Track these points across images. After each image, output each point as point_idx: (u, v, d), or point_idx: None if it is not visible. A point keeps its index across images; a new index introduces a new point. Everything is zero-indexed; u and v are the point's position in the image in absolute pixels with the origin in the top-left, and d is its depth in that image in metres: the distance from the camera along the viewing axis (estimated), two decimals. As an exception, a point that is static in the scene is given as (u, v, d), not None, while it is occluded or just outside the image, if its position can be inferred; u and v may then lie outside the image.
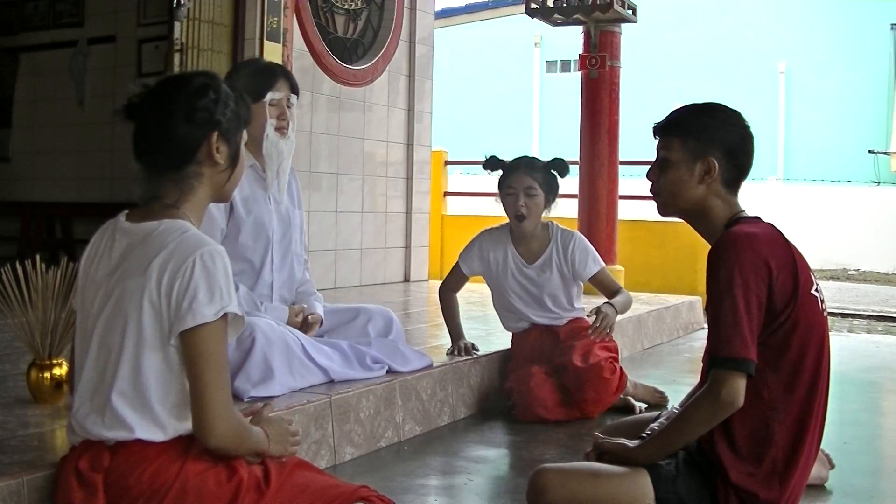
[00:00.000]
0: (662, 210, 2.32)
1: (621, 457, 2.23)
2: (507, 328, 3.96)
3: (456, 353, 3.76)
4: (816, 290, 2.17)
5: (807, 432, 2.15)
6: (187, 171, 1.93)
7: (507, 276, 3.81)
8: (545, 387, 3.61)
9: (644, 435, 2.33)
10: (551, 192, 3.74)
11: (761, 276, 2.07)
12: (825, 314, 2.20)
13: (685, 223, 2.36)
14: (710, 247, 2.23)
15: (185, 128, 1.90)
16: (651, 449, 2.20)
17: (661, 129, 2.29)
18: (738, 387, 2.05)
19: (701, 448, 2.18)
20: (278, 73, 3.20)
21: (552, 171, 3.76)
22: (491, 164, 3.85)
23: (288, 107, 3.17)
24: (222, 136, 1.94)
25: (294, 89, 3.22)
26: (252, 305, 3.12)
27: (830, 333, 2.27)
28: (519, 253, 3.81)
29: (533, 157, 3.84)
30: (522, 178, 3.69)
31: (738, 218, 2.23)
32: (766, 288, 2.08)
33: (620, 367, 3.66)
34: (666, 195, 2.27)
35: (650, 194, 2.35)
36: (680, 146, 2.23)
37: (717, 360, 2.08)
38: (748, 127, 2.25)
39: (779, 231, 2.21)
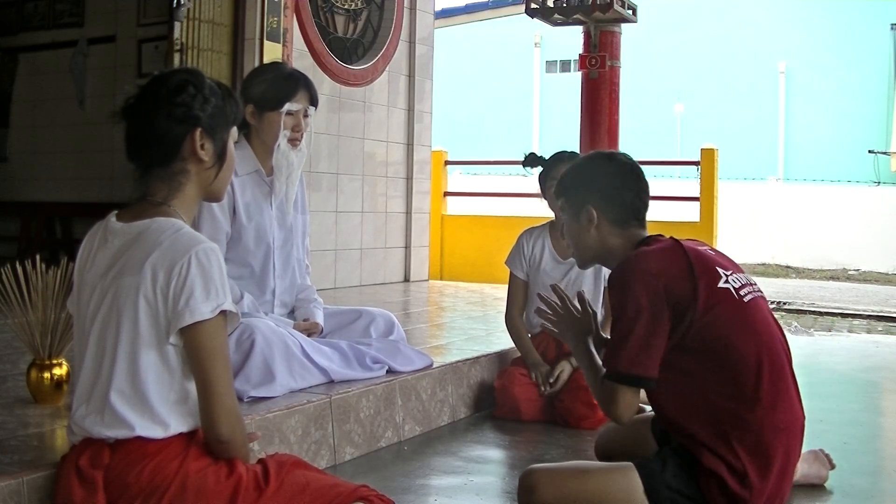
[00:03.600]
0: (579, 264, 2.54)
1: (571, 327, 2.47)
2: (528, 330, 3.95)
3: (539, 379, 3.63)
4: (727, 281, 2.22)
5: (766, 417, 2.15)
6: (173, 168, 1.94)
7: (539, 269, 3.80)
8: (523, 387, 3.62)
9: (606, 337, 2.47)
10: None
11: (653, 289, 2.16)
12: (748, 300, 2.22)
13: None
14: None
15: (166, 124, 1.91)
16: (576, 354, 2.43)
17: (554, 194, 2.56)
18: (627, 401, 2.20)
19: (682, 443, 2.22)
20: (300, 84, 3.18)
21: None
22: (530, 160, 3.84)
23: (304, 116, 3.17)
24: (205, 132, 1.95)
25: (313, 101, 3.22)
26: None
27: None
28: (555, 248, 3.81)
29: (574, 151, 3.86)
30: None
31: (638, 243, 2.34)
32: (664, 298, 2.16)
33: None
34: (573, 249, 2.49)
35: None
36: (565, 205, 2.46)
37: (608, 375, 2.22)
38: (623, 166, 2.41)
39: (676, 242, 2.29)
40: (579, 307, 2.50)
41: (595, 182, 2.39)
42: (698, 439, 2.17)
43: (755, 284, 2.31)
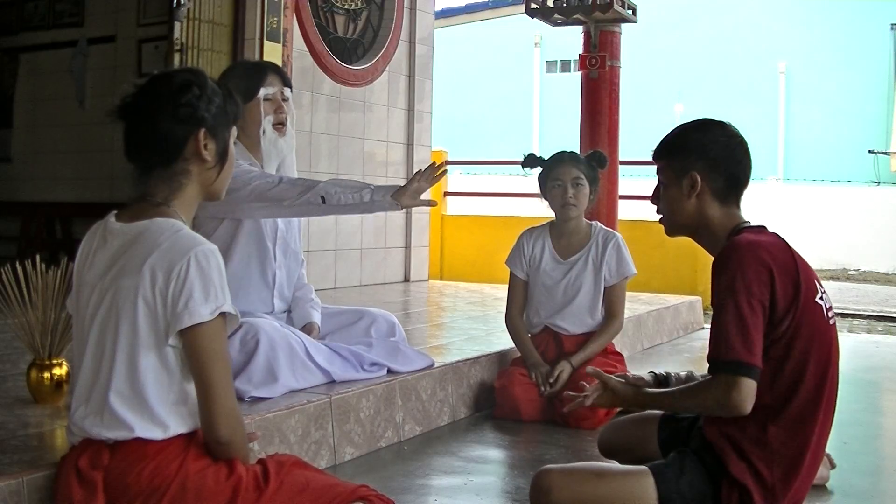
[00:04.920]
0: (667, 231, 2.38)
1: (628, 398, 2.30)
2: (528, 330, 3.94)
3: (539, 380, 3.63)
4: (821, 298, 2.16)
5: (810, 438, 2.14)
6: (175, 169, 1.93)
7: (539, 269, 3.80)
8: (523, 387, 3.62)
9: (656, 373, 2.41)
10: (594, 184, 3.74)
11: (763, 280, 2.08)
12: (832, 322, 2.18)
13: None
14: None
15: (170, 124, 1.90)
16: (651, 401, 2.27)
17: (653, 155, 2.37)
18: (747, 392, 2.06)
19: (708, 445, 2.18)
20: (268, 69, 3.18)
21: (592, 163, 3.77)
22: (530, 161, 3.83)
23: (283, 100, 3.14)
24: (209, 132, 1.94)
25: (287, 83, 3.18)
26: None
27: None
28: (556, 248, 3.81)
29: (573, 151, 3.87)
30: (569, 170, 3.71)
31: (741, 228, 2.25)
32: (769, 293, 2.08)
33: None
34: (665, 215, 2.35)
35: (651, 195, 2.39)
36: (666, 167, 2.32)
37: (720, 364, 2.09)
38: (734, 137, 2.28)
39: (783, 239, 2.21)
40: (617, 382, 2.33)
41: (705, 148, 2.25)
42: (737, 443, 2.13)
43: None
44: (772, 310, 2.09)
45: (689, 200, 2.27)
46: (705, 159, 2.25)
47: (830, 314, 2.19)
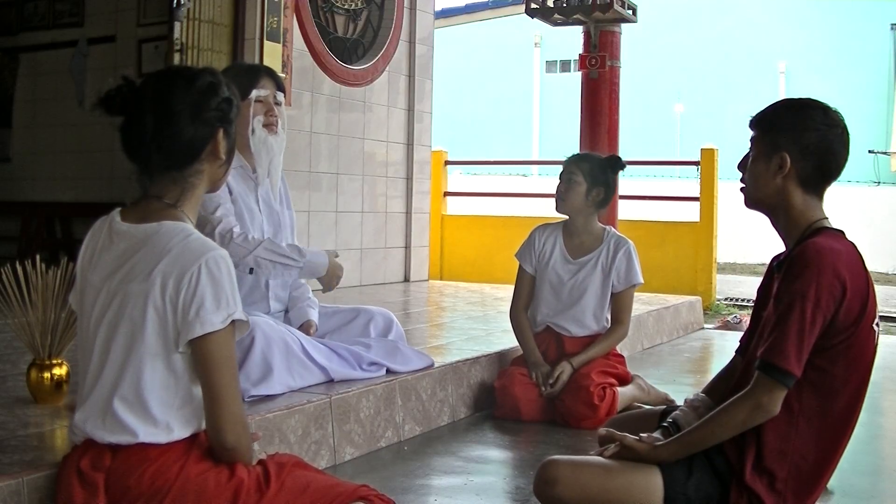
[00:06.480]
0: (746, 203, 2.31)
1: (643, 454, 2.19)
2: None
3: (539, 379, 3.64)
4: (877, 324, 2.15)
5: (831, 453, 2.15)
6: (191, 170, 1.90)
7: (549, 266, 3.81)
8: (523, 387, 3.62)
9: (665, 424, 2.32)
10: (597, 185, 3.72)
11: (834, 295, 2.06)
12: (876, 348, 2.17)
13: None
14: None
15: (193, 127, 1.87)
16: (677, 447, 2.18)
17: (750, 123, 2.30)
18: (779, 397, 2.07)
19: (722, 448, 2.17)
20: (262, 71, 3.19)
21: (609, 167, 3.77)
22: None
23: (276, 104, 3.15)
24: (226, 132, 1.93)
25: (279, 87, 3.20)
26: (290, 251, 3.10)
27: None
28: (567, 247, 3.82)
29: (589, 153, 3.92)
30: (568, 167, 3.76)
31: (822, 227, 2.20)
32: (834, 308, 2.06)
33: (614, 392, 3.60)
34: (747, 187, 2.28)
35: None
36: (758, 141, 2.25)
37: (768, 366, 2.07)
38: (835, 127, 2.21)
39: (859, 252, 2.18)
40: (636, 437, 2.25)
41: (803, 132, 2.18)
42: (756, 451, 2.12)
43: None
44: (831, 325, 2.07)
45: (774, 180, 2.20)
46: (799, 143, 2.18)
47: (877, 341, 2.17)
